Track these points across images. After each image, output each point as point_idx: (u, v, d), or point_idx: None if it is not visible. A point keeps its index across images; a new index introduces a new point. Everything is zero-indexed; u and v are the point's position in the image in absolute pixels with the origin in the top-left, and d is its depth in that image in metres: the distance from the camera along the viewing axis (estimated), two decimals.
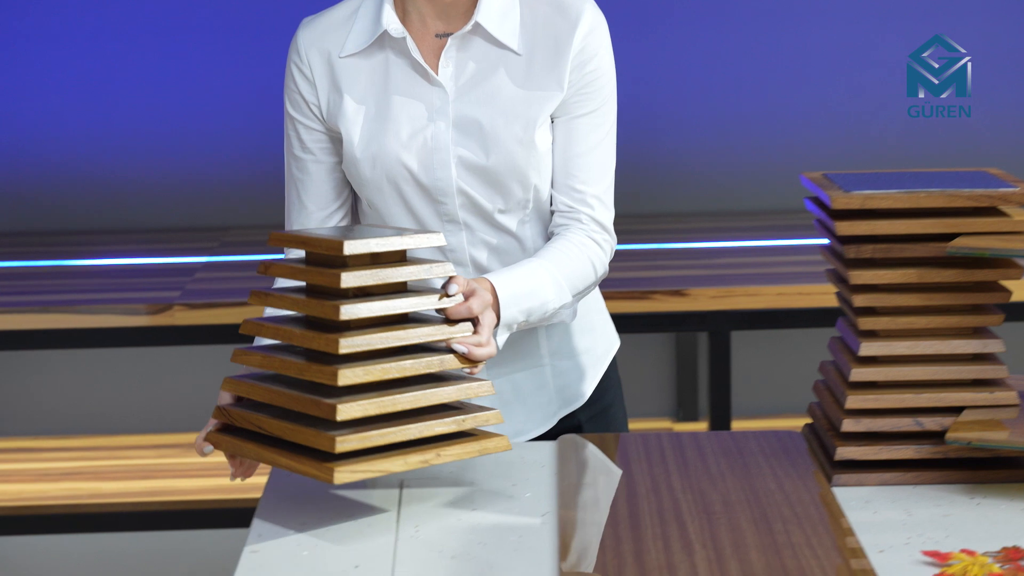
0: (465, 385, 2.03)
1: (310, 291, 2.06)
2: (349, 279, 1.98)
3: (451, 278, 2.07)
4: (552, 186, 2.37)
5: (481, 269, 2.38)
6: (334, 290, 2.01)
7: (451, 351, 2.05)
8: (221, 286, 3.73)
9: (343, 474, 1.91)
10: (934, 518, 1.99)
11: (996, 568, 1.80)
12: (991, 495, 2.06)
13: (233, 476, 2.15)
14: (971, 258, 2.11)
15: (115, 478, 3.72)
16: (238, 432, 2.06)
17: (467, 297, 2.09)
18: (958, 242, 2.07)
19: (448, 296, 2.06)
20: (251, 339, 2.32)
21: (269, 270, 2.09)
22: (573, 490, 2.11)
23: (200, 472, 3.73)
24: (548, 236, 2.39)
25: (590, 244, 2.35)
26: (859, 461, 2.14)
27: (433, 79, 2.32)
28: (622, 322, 3.49)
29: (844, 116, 4.38)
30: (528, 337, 2.43)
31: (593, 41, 2.34)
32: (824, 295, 3.49)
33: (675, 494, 2.08)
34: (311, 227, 2.40)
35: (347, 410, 1.92)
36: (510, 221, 2.37)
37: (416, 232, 2.06)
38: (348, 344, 1.95)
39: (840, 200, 2.10)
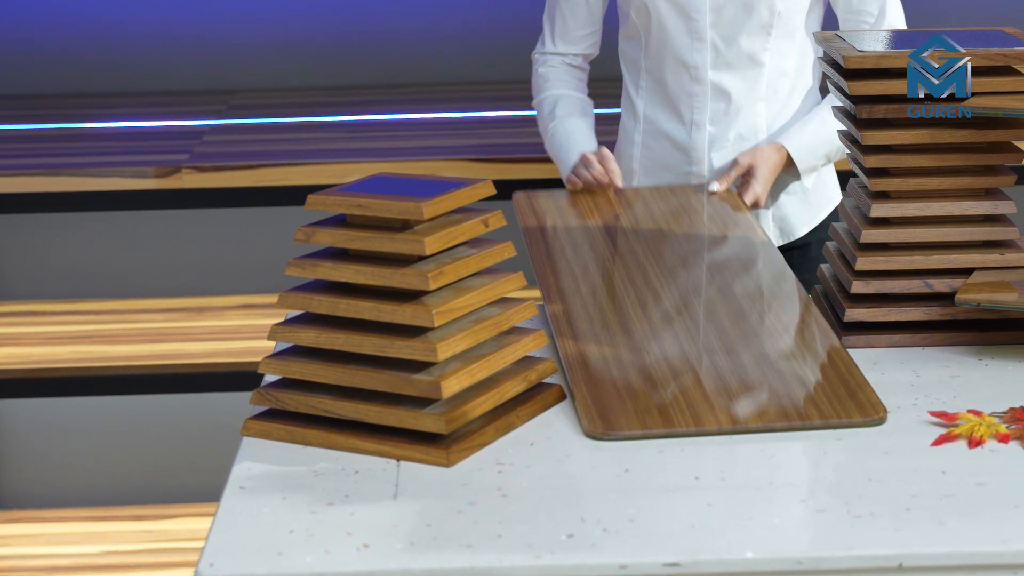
0: (529, 339, 1.90)
1: (354, 257, 1.83)
2: (434, 243, 1.79)
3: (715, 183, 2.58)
4: (836, 11, 2.69)
5: (719, 91, 2.66)
6: (401, 256, 1.81)
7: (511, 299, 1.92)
8: (229, 149, 3.72)
9: (456, 454, 1.76)
10: (942, 379, 1.99)
11: (1003, 428, 1.80)
12: (999, 356, 2.06)
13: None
14: (984, 118, 2.09)
15: (124, 341, 3.73)
16: (287, 417, 1.86)
17: (746, 176, 2.60)
18: (972, 102, 2.05)
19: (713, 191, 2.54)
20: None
21: (313, 238, 1.83)
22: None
23: (209, 336, 3.74)
24: None
25: None
26: (868, 323, 2.13)
27: None
28: None
29: None
30: None
31: None
32: None
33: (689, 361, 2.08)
34: (568, 48, 2.79)
35: (450, 386, 1.77)
36: (753, 44, 2.62)
37: (464, 181, 1.89)
38: (443, 314, 1.78)
39: (853, 59, 2.08)
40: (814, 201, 2.74)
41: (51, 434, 4.09)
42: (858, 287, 2.13)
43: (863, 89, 2.09)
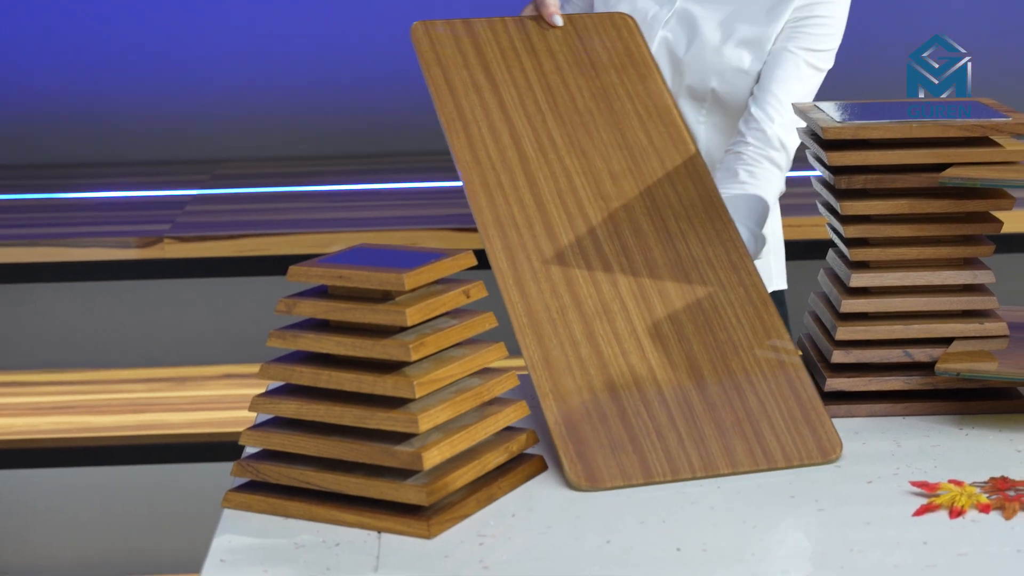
0: (510, 409, 1.90)
1: (335, 328, 1.84)
2: (415, 314, 1.80)
3: None
4: (751, 94, 2.60)
5: None
6: (382, 327, 1.81)
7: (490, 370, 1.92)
8: (212, 219, 3.72)
9: (437, 526, 1.76)
10: (923, 449, 1.99)
11: (984, 498, 1.80)
12: (979, 426, 2.06)
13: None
14: (963, 188, 2.10)
15: (105, 412, 3.71)
16: (268, 489, 1.85)
17: None
18: (950, 172, 2.06)
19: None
20: None
21: (294, 309, 1.83)
22: None
23: (190, 406, 3.73)
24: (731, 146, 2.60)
25: (767, 168, 2.52)
26: (848, 392, 2.13)
27: None
28: None
29: None
30: None
31: None
32: (814, 227, 3.48)
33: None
34: None
35: (431, 457, 1.76)
36: (686, 110, 2.62)
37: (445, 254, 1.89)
38: (424, 385, 1.78)
39: (832, 130, 2.09)
40: None
41: (31, 505, 4.07)
42: (839, 356, 2.13)
43: (842, 160, 2.10)
